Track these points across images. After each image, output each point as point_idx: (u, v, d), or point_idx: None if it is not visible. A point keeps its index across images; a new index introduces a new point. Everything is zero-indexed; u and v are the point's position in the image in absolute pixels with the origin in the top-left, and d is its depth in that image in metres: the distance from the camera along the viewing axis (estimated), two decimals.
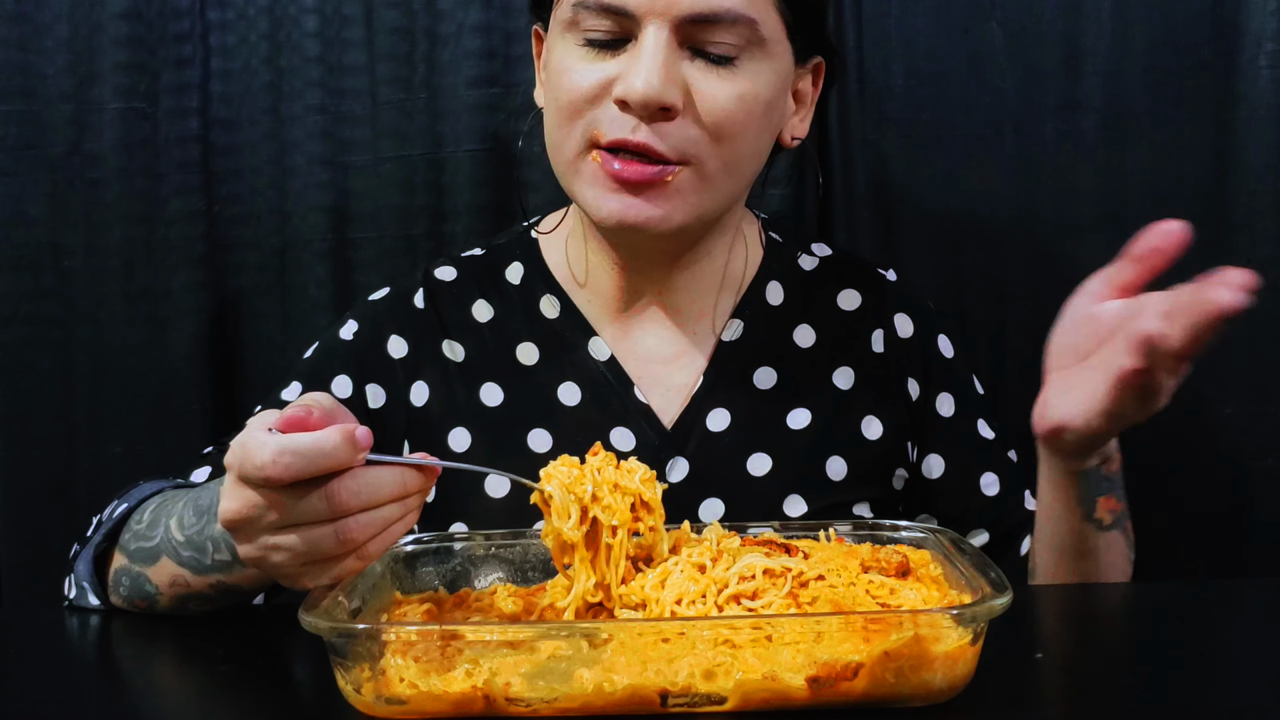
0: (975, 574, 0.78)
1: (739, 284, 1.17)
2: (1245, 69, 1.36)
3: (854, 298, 1.18)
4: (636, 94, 0.98)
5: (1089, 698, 0.76)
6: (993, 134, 1.40)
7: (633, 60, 0.99)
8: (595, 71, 1.01)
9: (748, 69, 1.02)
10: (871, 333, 1.17)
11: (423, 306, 1.16)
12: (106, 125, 1.42)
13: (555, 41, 1.05)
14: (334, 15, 1.43)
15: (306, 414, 0.75)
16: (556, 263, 1.17)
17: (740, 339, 1.15)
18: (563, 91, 1.02)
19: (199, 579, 0.93)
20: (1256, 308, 1.35)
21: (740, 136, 1.03)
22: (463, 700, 0.71)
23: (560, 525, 0.82)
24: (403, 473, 0.77)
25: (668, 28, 0.99)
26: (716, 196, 1.05)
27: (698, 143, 1.01)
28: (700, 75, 1.00)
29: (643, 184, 1.01)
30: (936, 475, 1.16)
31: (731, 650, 0.71)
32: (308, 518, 0.75)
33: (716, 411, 1.12)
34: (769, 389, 1.14)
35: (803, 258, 1.20)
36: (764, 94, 1.03)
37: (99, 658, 0.97)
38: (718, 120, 1.01)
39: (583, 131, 1.02)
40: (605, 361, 1.13)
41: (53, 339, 1.44)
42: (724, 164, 1.03)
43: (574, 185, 1.05)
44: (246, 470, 0.75)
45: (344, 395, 1.12)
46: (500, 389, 1.13)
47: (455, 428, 1.12)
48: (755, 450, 1.11)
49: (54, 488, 1.44)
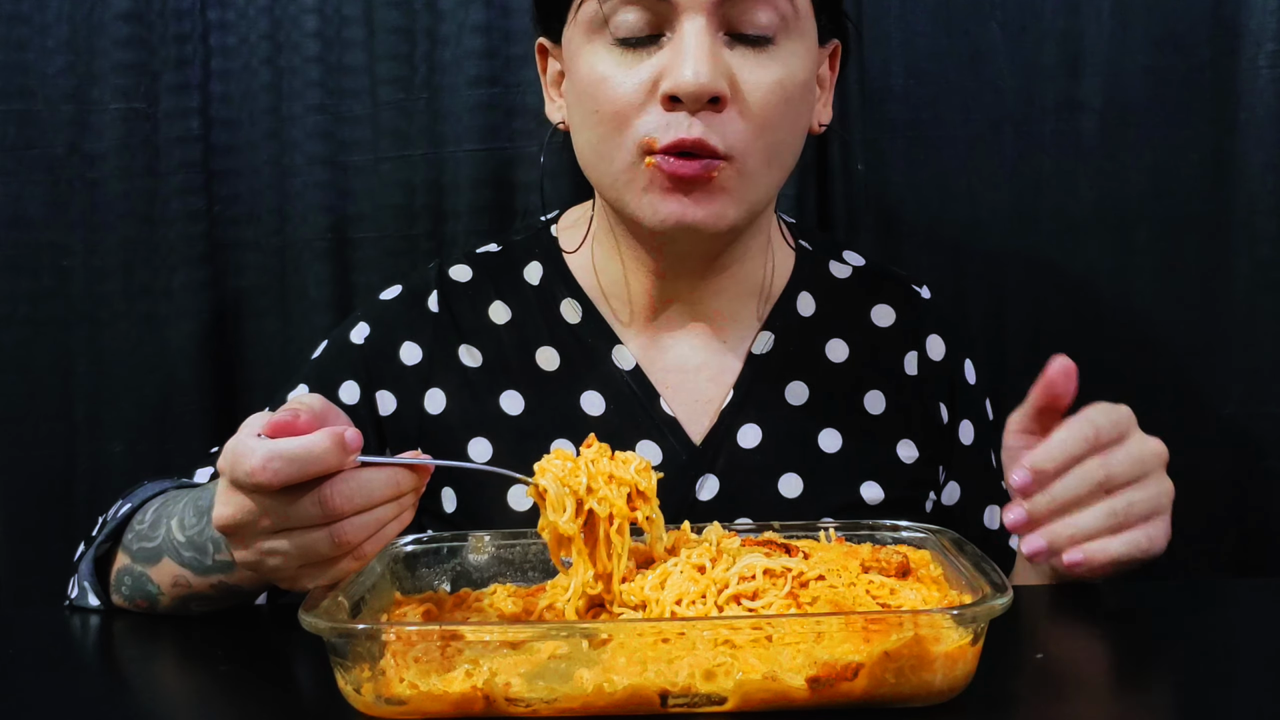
0: (975, 574, 0.78)
1: (770, 293, 1.14)
2: (1245, 69, 1.36)
3: (888, 314, 1.16)
4: (688, 85, 0.95)
5: (1089, 698, 0.76)
6: (993, 134, 1.40)
7: (675, 53, 0.96)
8: (635, 74, 0.98)
9: (785, 49, 0.99)
10: (905, 354, 1.14)
11: (437, 310, 1.13)
12: (107, 125, 1.42)
13: (579, 50, 1.01)
14: (334, 15, 1.43)
15: (294, 417, 0.75)
16: (578, 265, 1.14)
17: (771, 351, 1.12)
18: (604, 102, 0.99)
19: (200, 579, 0.93)
20: (1256, 308, 1.37)
21: (780, 125, 1.00)
22: (463, 700, 0.71)
23: (556, 519, 0.82)
24: (395, 473, 0.77)
25: (705, 12, 0.96)
26: (759, 190, 1.02)
27: (742, 135, 0.98)
28: (741, 62, 0.98)
29: (694, 182, 0.98)
30: (952, 503, 1.15)
31: (731, 650, 0.71)
32: (301, 522, 0.75)
33: (748, 427, 1.09)
34: (800, 405, 1.11)
35: (834, 265, 1.18)
36: (800, 75, 1.01)
37: (100, 658, 0.97)
38: (762, 109, 0.98)
39: (633, 140, 0.98)
40: (630, 370, 1.10)
41: (52, 339, 1.44)
42: (764, 157, 1.00)
43: (625, 194, 1.01)
44: (237, 476, 0.75)
45: (350, 401, 1.10)
46: (521, 397, 1.10)
47: (475, 437, 1.09)
48: (787, 471, 1.08)
49: (54, 487, 1.44)
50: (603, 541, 0.82)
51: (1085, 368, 1.38)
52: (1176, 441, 1.40)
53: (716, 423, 1.09)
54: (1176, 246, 1.39)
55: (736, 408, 1.10)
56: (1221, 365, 1.39)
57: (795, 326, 1.14)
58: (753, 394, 1.11)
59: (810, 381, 1.12)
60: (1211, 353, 1.39)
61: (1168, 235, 1.39)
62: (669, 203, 0.99)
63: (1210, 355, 1.39)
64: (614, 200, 1.03)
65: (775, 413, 1.10)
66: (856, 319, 1.15)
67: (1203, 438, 1.39)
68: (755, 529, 0.92)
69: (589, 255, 1.14)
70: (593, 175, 1.04)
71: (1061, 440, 0.88)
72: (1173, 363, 1.40)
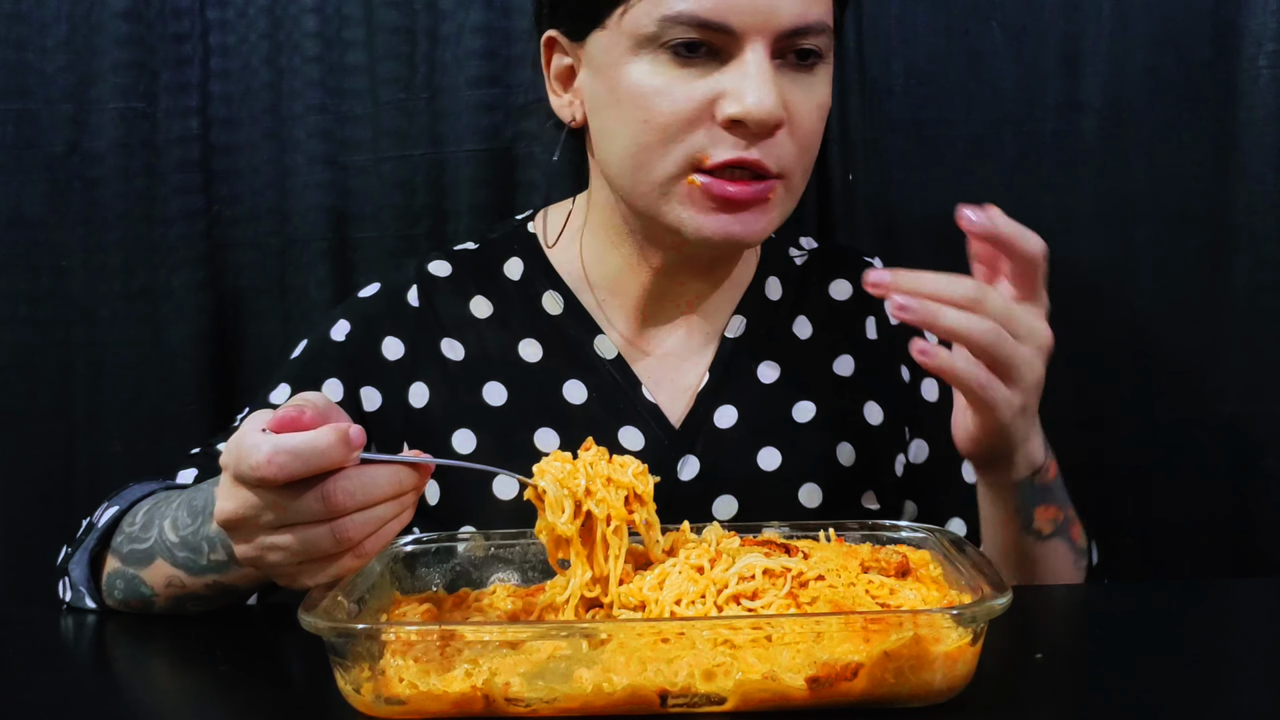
0: (975, 574, 0.78)
1: (741, 280, 1.17)
2: (1245, 69, 1.35)
3: (845, 287, 1.20)
4: (756, 115, 0.96)
5: (1089, 698, 0.76)
6: (993, 134, 1.40)
7: (740, 77, 0.97)
8: (692, 89, 0.98)
9: (822, 73, 1.03)
10: (865, 320, 1.18)
11: (417, 304, 1.14)
12: (106, 125, 1.42)
13: (623, 57, 1.00)
14: (334, 15, 1.42)
15: (299, 413, 0.75)
16: (560, 259, 1.16)
17: (743, 335, 1.15)
18: (656, 113, 0.99)
19: (195, 579, 0.93)
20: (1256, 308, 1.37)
21: (816, 141, 1.04)
22: (462, 700, 0.71)
23: (554, 520, 0.82)
24: (398, 471, 0.77)
25: (767, 41, 0.97)
26: (794, 203, 1.06)
27: (792, 155, 1.01)
28: (791, 85, 1.00)
29: (748, 201, 1.00)
30: (921, 460, 1.16)
31: (731, 650, 0.71)
32: (304, 517, 0.75)
33: (724, 409, 1.12)
34: (773, 383, 1.14)
35: (793, 251, 1.22)
36: (828, 92, 1.04)
37: (97, 658, 0.97)
38: (809, 129, 1.02)
39: (683, 154, 0.99)
40: (612, 360, 1.13)
41: (51, 339, 1.43)
42: (805, 172, 1.05)
43: (662, 206, 1.02)
44: (242, 471, 0.75)
45: (335, 398, 1.10)
46: (504, 388, 1.12)
47: (459, 429, 1.10)
48: (764, 445, 1.11)
49: (53, 488, 1.44)
50: (600, 543, 0.82)
51: (1085, 368, 1.41)
52: (1176, 441, 1.42)
53: (694, 406, 1.12)
54: (1176, 246, 1.39)
55: (713, 390, 1.13)
56: (1221, 365, 1.39)
57: (765, 310, 1.17)
58: (727, 376, 1.13)
59: (780, 360, 1.15)
60: (1211, 353, 1.39)
61: (1168, 235, 1.39)
62: (715, 219, 1.01)
63: (1210, 355, 1.39)
64: (645, 208, 1.04)
65: (749, 392, 1.13)
66: (817, 297, 1.19)
67: (1203, 438, 1.39)
68: (755, 529, 0.92)
69: (575, 249, 1.15)
70: (621, 180, 1.04)
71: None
72: (1173, 363, 1.40)
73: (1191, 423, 1.39)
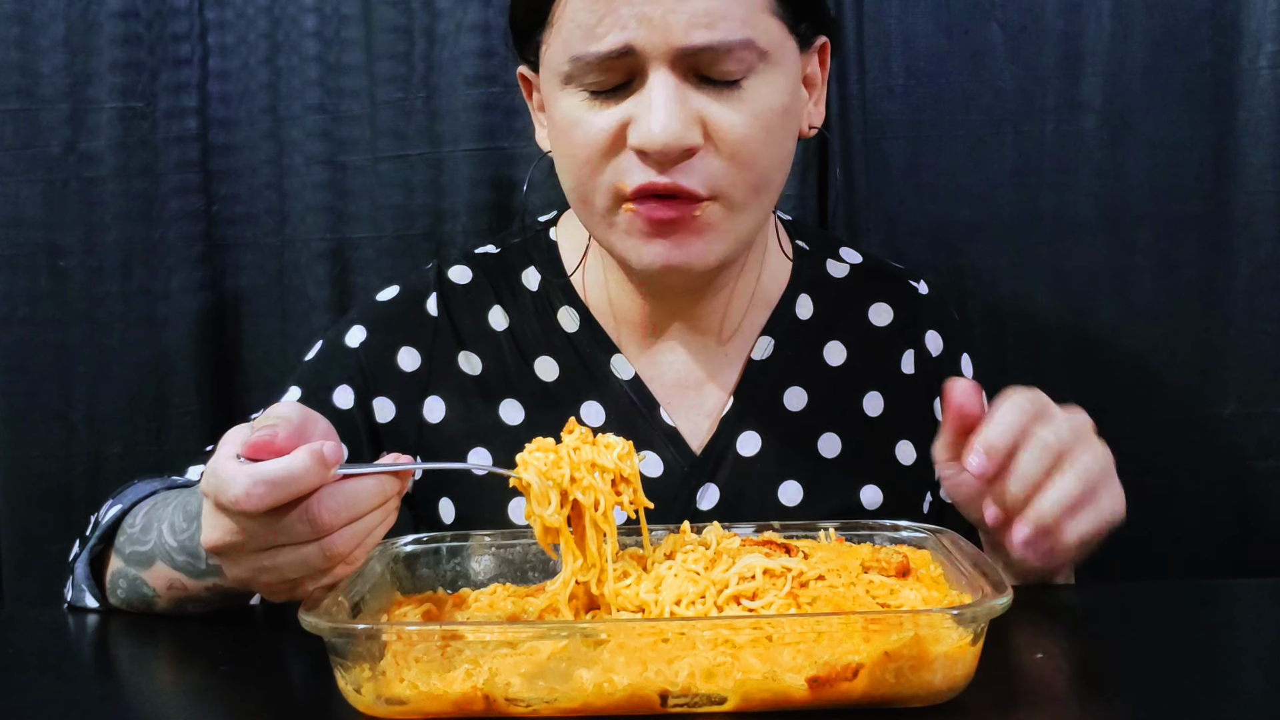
0: (975, 574, 0.78)
1: (769, 298, 1.13)
2: (1245, 69, 1.36)
3: (886, 313, 1.15)
4: (656, 142, 0.92)
5: (1089, 698, 0.76)
6: (993, 134, 1.40)
7: (642, 104, 0.94)
8: (604, 119, 0.95)
9: (756, 85, 0.96)
10: (903, 353, 1.14)
11: (436, 314, 1.11)
12: (104, 124, 1.42)
13: (552, 91, 0.99)
14: (332, 14, 1.42)
15: (272, 436, 0.75)
16: (577, 274, 1.13)
17: (770, 357, 1.11)
18: (578, 146, 0.97)
19: (195, 583, 0.93)
20: (1256, 308, 1.37)
21: (762, 155, 0.97)
22: (463, 700, 0.71)
23: (541, 512, 0.82)
24: (380, 481, 0.78)
25: (670, 64, 0.93)
26: (749, 220, 1.00)
27: (723, 174, 0.96)
28: (711, 104, 0.95)
29: (675, 224, 0.96)
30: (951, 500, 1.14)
31: (731, 650, 0.71)
32: (291, 539, 0.76)
33: (747, 435, 1.09)
34: (799, 411, 1.10)
35: (831, 265, 1.17)
36: (778, 104, 0.97)
37: (98, 658, 0.97)
38: (736, 149, 0.95)
39: (608, 184, 0.97)
40: (629, 380, 1.10)
41: (50, 339, 1.44)
42: (751, 188, 0.98)
43: (609, 237, 1.00)
44: (223, 502, 0.75)
45: (344, 406, 1.09)
46: (521, 407, 1.09)
47: (476, 447, 1.09)
48: (787, 478, 1.08)
49: (52, 488, 1.44)
50: (590, 528, 0.82)
51: (1085, 368, 1.41)
52: (1177, 441, 1.42)
53: (717, 431, 1.09)
54: (1176, 246, 1.39)
55: (736, 416, 1.09)
56: (1221, 365, 1.39)
57: (794, 330, 1.13)
58: (752, 401, 1.10)
59: (808, 386, 1.11)
60: (1211, 353, 1.39)
61: (1168, 235, 1.39)
62: (652, 246, 0.98)
63: (1210, 355, 1.40)
64: (600, 238, 1.03)
65: (774, 419, 1.10)
66: (854, 320, 1.14)
67: (1203, 438, 1.39)
68: (755, 529, 0.91)
69: (583, 275, 1.13)
70: (578, 214, 1.03)
71: (1003, 416, 0.85)
72: (1173, 363, 1.40)
73: (1191, 423, 1.39)
